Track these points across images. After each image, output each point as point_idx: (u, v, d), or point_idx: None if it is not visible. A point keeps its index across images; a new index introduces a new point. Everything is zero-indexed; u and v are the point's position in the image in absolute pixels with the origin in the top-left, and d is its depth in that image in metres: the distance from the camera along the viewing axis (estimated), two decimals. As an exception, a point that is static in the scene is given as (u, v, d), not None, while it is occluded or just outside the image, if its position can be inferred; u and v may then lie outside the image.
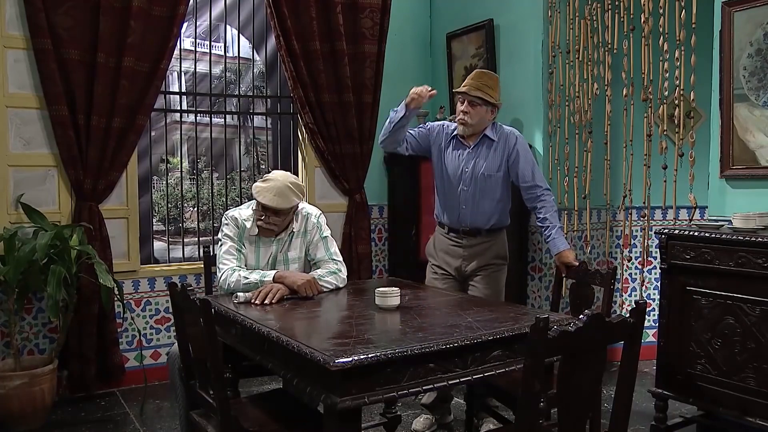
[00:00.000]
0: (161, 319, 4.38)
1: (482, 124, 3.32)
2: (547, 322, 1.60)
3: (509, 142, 3.33)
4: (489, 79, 3.30)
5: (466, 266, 3.37)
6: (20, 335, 3.87)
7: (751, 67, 3.28)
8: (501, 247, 3.41)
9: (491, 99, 3.26)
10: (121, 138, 4.05)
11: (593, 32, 4.34)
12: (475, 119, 3.28)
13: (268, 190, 2.84)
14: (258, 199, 2.84)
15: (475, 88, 3.25)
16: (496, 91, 3.30)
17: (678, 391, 3.15)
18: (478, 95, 3.24)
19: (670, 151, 3.98)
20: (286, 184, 2.85)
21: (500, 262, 3.40)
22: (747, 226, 2.94)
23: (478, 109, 3.26)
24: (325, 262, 3.02)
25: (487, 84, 3.27)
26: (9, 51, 3.80)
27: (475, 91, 3.24)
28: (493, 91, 3.28)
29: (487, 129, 3.34)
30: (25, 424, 3.52)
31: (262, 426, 2.36)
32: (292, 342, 2.03)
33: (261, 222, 2.89)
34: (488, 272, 3.35)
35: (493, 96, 3.27)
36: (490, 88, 3.27)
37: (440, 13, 5.29)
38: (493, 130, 3.36)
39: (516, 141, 3.35)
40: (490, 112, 3.31)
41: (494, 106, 3.29)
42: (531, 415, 1.68)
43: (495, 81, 3.33)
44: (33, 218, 3.76)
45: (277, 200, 2.83)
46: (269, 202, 2.82)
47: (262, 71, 6.80)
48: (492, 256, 3.36)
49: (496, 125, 3.39)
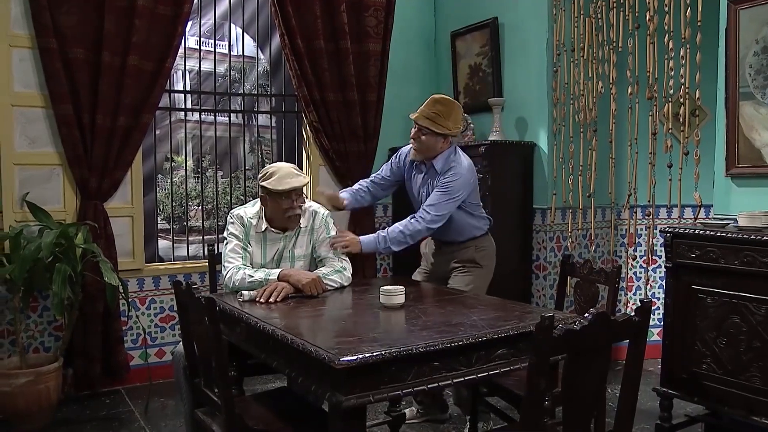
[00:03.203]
0: (166, 317, 4.39)
1: (434, 151, 3.21)
2: (553, 321, 1.60)
3: (444, 175, 3.19)
4: (442, 107, 3.16)
5: (441, 269, 3.42)
6: (26, 333, 3.88)
7: (757, 65, 3.27)
8: (473, 252, 3.36)
9: (439, 129, 3.14)
10: (125, 137, 4.06)
11: (598, 30, 4.32)
12: (424, 146, 3.20)
13: (285, 176, 2.87)
14: (282, 188, 2.84)
15: (424, 116, 3.16)
16: (450, 119, 3.15)
17: (683, 390, 3.15)
18: (424, 125, 3.16)
19: (675, 150, 3.97)
20: (290, 167, 2.94)
21: (470, 265, 3.36)
22: (752, 224, 2.93)
23: (427, 137, 3.17)
24: (330, 260, 3.02)
25: (439, 113, 3.14)
26: (14, 50, 3.81)
27: (423, 120, 3.16)
28: (445, 119, 3.14)
29: (438, 158, 3.22)
30: (31, 422, 3.53)
31: (266, 424, 2.36)
32: (297, 340, 2.03)
33: (293, 211, 2.91)
34: (456, 273, 3.36)
35: (444, 125, 3.14)
36: (442, 117, 3.14)
37: (445, 11, 5.28)
38: (442, 162, 3.21)
39: (445, 177, 3.18)
40: (442, 140, 3.19)
41: (445, 136, 3.19)
42: (536, 414, 1.68)
43: (450, 108, 3.18)
44: (38, 217, 3.76)
45: (298, 180, 2.89)
46: (297, 183, 2.87)
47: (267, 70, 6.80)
48: (461, 260, 3.36)
49: (452, 157, 3.23)
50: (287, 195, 2.87)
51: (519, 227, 4.48)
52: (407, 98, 5.11)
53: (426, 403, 3.56)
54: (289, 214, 2.92)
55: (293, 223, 2.97)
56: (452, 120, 3.18)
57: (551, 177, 4.42)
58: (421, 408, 3.58)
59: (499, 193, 4.26)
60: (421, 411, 3.58)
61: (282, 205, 2.89)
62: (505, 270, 4.27)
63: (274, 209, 2.93)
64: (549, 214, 4.43)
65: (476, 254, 3.37)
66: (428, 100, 3.23)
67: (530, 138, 4.54)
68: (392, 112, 4.99)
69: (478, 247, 3.38)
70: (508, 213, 4.36)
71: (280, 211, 2.91)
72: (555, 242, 4.48)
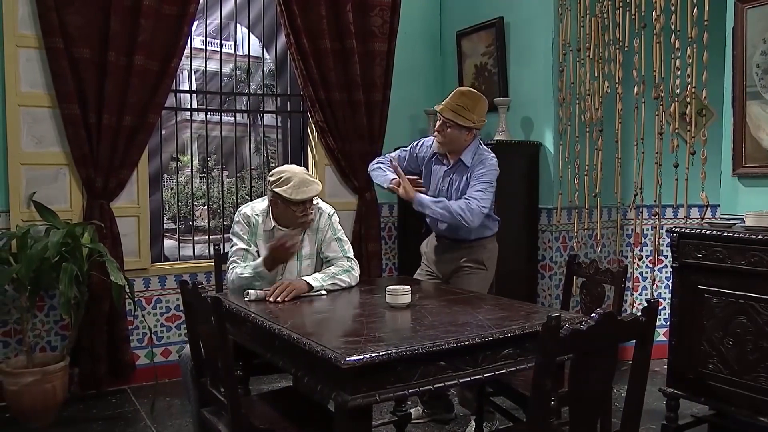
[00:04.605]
0: (172, 316, 4.40)
1: (458, 144, 3.23)
2: (559, 321, 1.60)
3: (476, 168, 3.22)
4: (468, 100, 3.18)
5: (444, 269, 3.41)
6: (32, 332, 3.90)
7: (764, 64, 3.25)
8: (479, 254, 3.36)
9: (464, 122, 3.16)
10: (131, 136, 4.07)
11: (604, 30, 4.31)
12: (448, 139, 3.22)
13: (301, 184, 2.81)
14: (298, 198, 2.80)
15: (449, 109, 3.18)
16: (475, 112, 3.18)
17: (689, 390, 3.14)
18: (449, 117, 3.17)
19: (682, 149, 3.95)
20: (304, 173, 2.87)
21: (474, 266, 3.35)
22: (760, 224, 2.92)
23: (451, 130, 3.19)
24: (338, 259, 3.00)
25: (464, 105, 3.16)
26: (21, 50, 3.82)
27: (448, 113, 3.17)
28: (470, 112, 3.16)
29: (465, 152, 3.25)
30: (37, 421, 3.54)
31: (272, 424, 2.36)
32: (303, 340, 2.03)
33: (305, 218, 2.89)
34: (461, 274, 3.35)
35: (469, 118, 3.16)
36: (467, 110, 3.16)
37: (450, 11, 5.28)
38: (471, 155, 3.25)
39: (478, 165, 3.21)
40: (467, 133, 3.21)
41: (470, 129, 3.21)
42: (542, 414, 1.67)
43: (476, 101, 3.20)
44: (45, 216, 3.78)
45: (314, 188, 2.84)
46: (312, 192, 2.83)
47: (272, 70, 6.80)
48: (467, 261, 3.35)
49: (480, 149, 3.28)
50: (302, 203, 2.85)
51: (525, 227, 4.48)
52: (413, 98, 5.12)
53: (431, 402, 3.56)
54: (302, 221, 2.90)
55: (304, 226, 2.95)
56: (477, 113, 3.20)
57: (557, 177, 4.41)
58: (427, 408, 3.57)
59: (504, 193, 4.24)
60: (427, 411, 3.58)
61: (295, 212, 2.87)
62: (511, 270, 4.29)
63: (285, 214, 2.90)
64: (555, 213, 4.42)
65: (483, 255, 3.36)
66: (454, 92, 3.24)
67: (536, 138, 4.53)
68: (398, 112, 5.00)
69: (486, 247, 3.38)
70: (514, 213, 4.35)
71: (292, 217, 2.89)
72: (561, 242, 4.48)
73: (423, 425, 3.53)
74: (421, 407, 3.58)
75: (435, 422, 3.56)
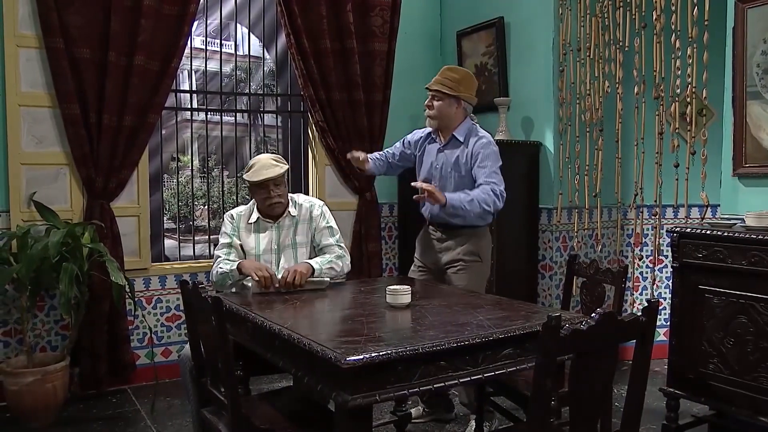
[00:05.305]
0: (172, 316, 4.40)
1: (449, 118, 3.30)
2: (559, 321, 1.60)
3: (472, 146, 3.24)
4: (453, 74, 3.30)
5: (438, 260, 3.39)
6: (33, 332, 3.90)
7: (764, 64, 3.25)
8: (474, 244, 3.32)
9: (450, 91, 3.24)
10: (132, 136, 4.06)
11: (604, 29, 4.31)
12: (437, 111, 3.29)
13: (261, 168, 3.02)
14: (256, 179, 3.01)
15: (436, 81, 3.29)
16: (462, 84, 3.27)
17: (690, 390, 3.14)
18: (436, 88, 3.27)
19: (682, 149, 3.95)
20: (268, 158, 3.09)
21: (469, 258, 3.31)
22: (760, 224, 2.92)
23: (440, 103, 3.27)
24: (330, 247, 3.13)
25: (450, 78, 3.27)
26: (21, 50, 3.82)
27: (435, 85, 3.28)
28: (458, 84, 3.25)
29: (458, 129, 3.30)
30: (37, 420, 3.54)
31: (272, 423, 2.36)
32: (303, 339, 2.03)
33: (270, 200, 3.05)
34: (457, 268, 3.32)
35: (455, 88, 3.24)
36: (454, 81, 3.25)
37: (450, 11, 5.28)
38: (464, 132, 3.30)
39: (476, 143, 3.24)
40: (456, 106, 3.28)
41: (457, 98, 3.26)
42: (542, 414, 1.67)
43: (463, 75, 3.32)
44: (45, 216, 3.78)
45: (271, 171, 3.01)
46: (269, 174, 3.00)
47: (273, 69, 6.81)
48: (463, 252, 3.31)
49: (474, 128, 3.33)
50: (264, 185, 3.02)
51: (525, 227, 4.48)
52: (413, 98, 5.10)
53: (432, 402, 3.56)
54: (268, 203, 3.06)
55: (277, 210, 3.10)
56: (464, 85, 3.28)
57: (557, 177, 4.41)
58: (427, 407, 3.58)
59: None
60: (427, 410, 3.58)
61: (260, 195, 3.06)
62: (511, 270, 4.29)
63: (257, 199, 3.11)
64: (555, 213, 4.42)
65: (477, 246, 3.33)
66: (442, 68, 3.36)
67: (536, 137, 4.53)
68: (398, 112, 4.99)
69: (480, 237, 3.35)
70: (514, 213, 4.34)
71: (261, 200, 3.08)
72: (561, 242, 4.48)
73: (423, 425, 3.53)
74: (422, 407, 3.58)
75: (435, 422, 3.56)
